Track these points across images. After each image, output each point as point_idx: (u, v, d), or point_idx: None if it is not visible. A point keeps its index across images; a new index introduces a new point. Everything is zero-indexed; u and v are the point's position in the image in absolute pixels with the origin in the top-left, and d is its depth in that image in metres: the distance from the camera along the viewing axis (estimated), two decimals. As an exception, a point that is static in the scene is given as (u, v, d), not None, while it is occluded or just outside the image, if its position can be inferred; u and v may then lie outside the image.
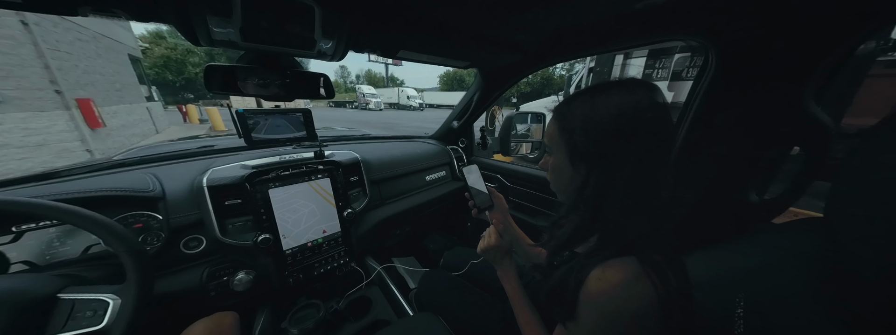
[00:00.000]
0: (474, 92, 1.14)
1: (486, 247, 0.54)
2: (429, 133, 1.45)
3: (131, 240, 0.45)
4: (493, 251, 0.54)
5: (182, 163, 0.80)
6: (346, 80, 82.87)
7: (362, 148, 1.07)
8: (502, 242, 0.54)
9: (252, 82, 0.59)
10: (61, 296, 0.41)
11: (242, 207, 0.70)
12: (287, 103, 0.72)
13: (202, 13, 0.40)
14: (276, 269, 0.73)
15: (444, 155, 1.27)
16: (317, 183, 0.81)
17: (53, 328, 0.38)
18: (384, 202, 1.01)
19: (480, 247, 0.55)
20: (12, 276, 0.47)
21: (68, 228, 0.57)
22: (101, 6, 0.39)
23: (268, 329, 0.71)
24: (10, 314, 0.36)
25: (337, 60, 0.68)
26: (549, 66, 0.92)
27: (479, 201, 0.61)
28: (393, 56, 0.75)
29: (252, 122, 0.71)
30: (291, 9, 0.43)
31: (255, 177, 0.72)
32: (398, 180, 1.07)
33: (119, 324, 0.40)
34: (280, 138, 0.76)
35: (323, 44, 0.55)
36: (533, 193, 1.10)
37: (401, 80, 78.50)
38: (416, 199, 1.09)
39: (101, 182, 0.62)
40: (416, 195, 1.11)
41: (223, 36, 0.47)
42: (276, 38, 0.51)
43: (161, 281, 0.60)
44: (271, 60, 0.59)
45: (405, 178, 1.09)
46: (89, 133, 4.60)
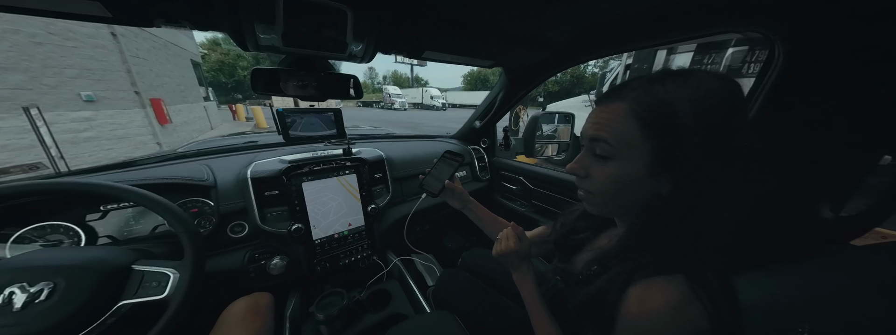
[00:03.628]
0: (498, 91, 1.11)
1: (503, 251, 0.50)
2: (451, 132, 1.45)
3: (189, 222, 0.51)
4: (510, 256, 0.50)
5: (231, 156, 0.87)
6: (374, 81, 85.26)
7: (387, 146, 1.09)
8: (521, 246, 0.49)
9: (291, 83, 0.62)
10: (134, 267, 0.47)
11: (279, 198, 0.75)
12: (320, 103, 0.75)
13: (251, 21, 0.43)
14: (307, 257, 0.78)
15: (466, 155, 1.25)
16: (344, 178, 0.85)
17: (127, 293, 0.44)
18: (406, 199, 1.02)
19: (496, 250, 0.51)
20: (100, 248, 0.55)
21: (141, 210, 0.65)
22: (171, 18, 0.44)
23: (297, 311, 0.76)
24: (97, 279, 0.42)
25: (366, 62, 0.70)
26: (579, 64, 0.87)
27: (428, 183, 0.65)
28: (418, 57, 0.75)
29: (290, 120, 0.75)
30: (326, 14, 0.44)
31: (291, 171, 0.78)
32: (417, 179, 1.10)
33: (177, 295, 0.45)
34: (313, 135, 0.80)
35: (353, 46, 0.57)
36: (557, 197, 1.05)
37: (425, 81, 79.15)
38: (432, 199, 1.10)
39: (167, 171, 0.70)
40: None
41: (268, 41, 0.51)
42: (313, 42, 0.54)
43: (211, 260, 0.67)
44: (307, 63, 0.63)
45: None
46: (159, 128, 5.23)
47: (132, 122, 4.92)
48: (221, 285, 0.69)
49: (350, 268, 0.86)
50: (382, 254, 0.98)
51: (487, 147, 1.34)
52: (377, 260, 0.91)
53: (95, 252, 0.47)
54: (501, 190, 1.25)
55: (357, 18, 0.46)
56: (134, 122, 4.94)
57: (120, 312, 0.43)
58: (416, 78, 67.57)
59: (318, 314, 0.68)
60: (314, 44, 0.54)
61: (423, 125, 11.23)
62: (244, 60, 26.68)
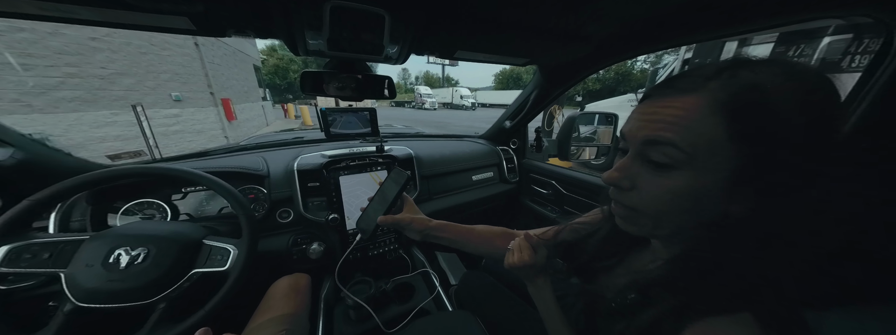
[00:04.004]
0: (532, 90, 1.06)
1: (516, 264, 0.44)
2: (479, 132, 1.43)
3: (248, 207, 0.59)
4: (525, 269, 0.44)
5: (281, 150, 0.98)
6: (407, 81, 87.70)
7: (416, 144, 1.12)
8: (537, 259, 0.44)
9: (333, 85, 0.68)
10: (205, 242, 0.55)
11: (320, 189, 0.82)
12: (357, 103, 0.80)
13: (302, 28, 0.48)
14: (341, 245, 0.84)
15: (493, 155, 1.21)
16: (376, 174, 0.89)
17: (199, 263, 0.52)
18: (432, 197, 1.04)
19: (508, 261, 0.45)
20: (181, 223, 0.66)
21: (212, 193, 0.76)
22: (240, 28, 0.50)
23: (330, 294, 0.82)
24: (178, 249, 0.51)
25: (400, 63, 0.72)
26: (627, 60, 0.78)
27: (361, 221, 0.53)
28: (450, 57, 0.75)
29: (331, 118, 0.82)
30: (366, 19, 0.47)
31: (330, 165, 0.84)
32: (446, 177, 1.08)
33: (235, 268, 0.52)
34: (350, 133, 0.86)
35: (389, 49, 0.59)
36: (592, 205, 0.97)
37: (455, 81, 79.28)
38: (461, 198, 1.09)
39: (232, 161, 0.80)
40: (462, 193, 1.10)
41: (315, 46, 0.56)
42: (353, 46, 0.57)
43: (262, 241, 0.75)
44: (348, 66, 0.67)
45: (452, 176, 1.09)
46: (227, 124, 6.05)
47: (207, 119, 5.77)
48: (269, 264, 0.78)
49: (378, 259, 0.90)
50: (408, 249, 1.01)
51: (517, 148, 1.27)
52: (403, 254, 0.94)
53: (178, 226, 0.56)
54: (530, 193, 1.20)
55: (394, 21, 0.48)
56: (209, 119, 5.79)
57: (192, 278, 0.51)
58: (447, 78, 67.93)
59: (348, 299, 0.72)
60: (354, 47, 0.57)
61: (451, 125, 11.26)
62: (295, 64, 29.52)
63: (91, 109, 4.13)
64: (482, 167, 1.18)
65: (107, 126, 4.29)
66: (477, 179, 1.15)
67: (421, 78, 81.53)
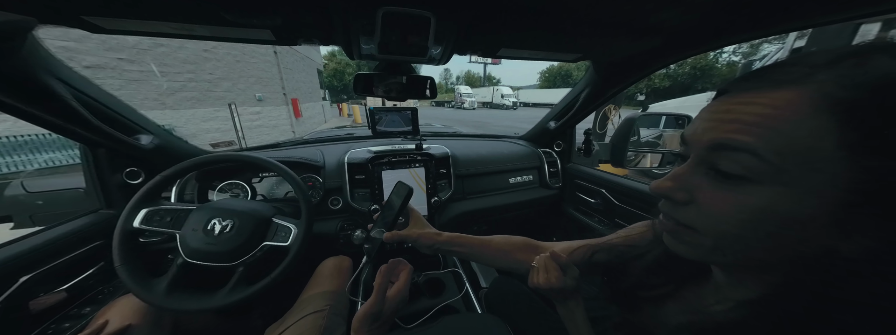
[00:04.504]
0: (583, 88, 0.96)
1: (542, 286, 0.39)
2: (519, 133, 1.37)
3: (307, 192, 0.67)
4: (552, 292, 0.39)
5: (335, 144, 1.09)
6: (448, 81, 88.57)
7: (453, 144, 1.12)
8: (566, 282, 0.38)
9: (380, 86, 0.72)
10: (274, 220, 0.65)
11: (365, 182, 0.89)
12: (401, 102, 0.84)
13: (357, 34, 0.52)
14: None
15: (534, 158, 1.14)
16: (414, 170, 0.93)
17: (268, 237, 0.62)
18: (466, 196, 1.03)
19: (533, 281, 0.40)
20: (257, 202, 0.78)
21: (280, 179, 0.89)
22: (308, 38, 0.57)
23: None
24: (254, 224, 0.61)
25: (442, 64, 0.73)
26: (709, 51, 0.66)
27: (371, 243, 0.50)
28: (493, 55, 0.73)
29: (377, 116, 0.88)
30: (414, 22, 0.49)
31: (374, 160, 0.90)
32: (481, 178, 1.05)
33: (294, 244, 0.60)
34: (393, 131, 0.91)
35: (433, 50, 0.61)
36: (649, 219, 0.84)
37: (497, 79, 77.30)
38: (496, 200, 1.05)
39: (297, 152, 0.93)
40: (497, 195, 1.06)
41: (368, 51, 0.60)
42: (400, 49, 0.60)
43: (316, 224, 0.85)
44: (394, 67, 0.71)
45: (488, 177, 1.06)
46: (294, 121, 6.97)
47: (280, 116, 6.73)
48: (319, 244, 0.88)
49: (412, 251, 0.94)
50: None
51: (562, 151, 1.17)
52: None
53: (255, 205, 0.67)
54: (575, 201, 1.10)
55: (439, 23, 0.48)
56: (281, 116, 6.75)
57: (263, 250, 0.60)
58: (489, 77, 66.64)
59: None
60: (401, 50, 0.60)
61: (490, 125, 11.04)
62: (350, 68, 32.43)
63: (201, 107, 5.17)
64: (521, 170, 1.12)
65: (211, 120, 5.32)
66: (514, 182, 1.10)
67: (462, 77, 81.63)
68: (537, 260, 0.42)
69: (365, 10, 0.43)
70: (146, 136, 0.71)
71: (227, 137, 5.24)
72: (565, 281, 0.38)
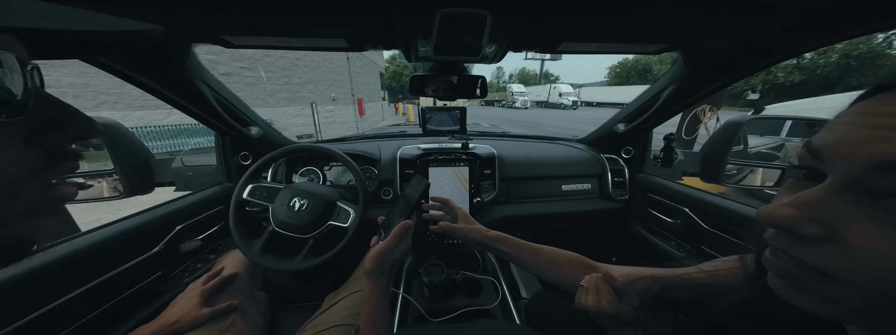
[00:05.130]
0: (666, 85, 0.77)
1: (592, 309, 0.34)
2: (577, 135, 1.24)
3: (365, 182, 0.75)
4: (603, 317, 0.34)
5: (390, 140, 1.18)
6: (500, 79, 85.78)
7: (501, 144, 1.09)
8: (621, 309, 0.33)
9: (432, 86, 0.75)
10: (338, 203, 0.74)
11: (413, 176, 0.94)
12: (451, 102, 0.86)
13: (416, 38, 0.55)
14: (423, 227, 0.92)
15: (594, 164, 1.01)
16: (459, 169, 0.94)
17: (332, 218, 0.71)
18: (511, 200, 0.97)
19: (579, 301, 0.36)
20: (326, 187, 0.90)
21: (345, 168, 1.01)
22: (374, 44, 0.63)
23: (411, 268, 0.93)
24: (323, 205, 0.71)
25: (495, 62, 0.71)
26: (866, 34, 0.42)
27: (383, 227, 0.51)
28: (552, 50, 0.67)
29: (428, 116, 0.92)
30: (469, 21, 0.49)
31: (423, 157, 0.95)
32: (530, 182, 0.98)
33: (352, 226, 0.68)
34: (442, 129, 0.94)
35: (487, 48, 0.59)
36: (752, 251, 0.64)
37: (555, 76, 71.41)
38: (544, 207, 0.96)
39: (359, 146, 1.04)
40: (547, 202, 0.97)
41: (424, 53, 0.63)
42: (455, 49, 0.61)
43: (370, 211, 0.94)
44: (447, 68, 0.72)
45: (538, 182, 0.98)
46: (358, 118, 7.82)
47: (348, 114, 7.64)
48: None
49: (452, 249, 0.94)
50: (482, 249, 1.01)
51: (632, 158, 1.00)
52: (476, 252, 0.93)
53: (325, 189, 0.78)
54: (645, 219, 0.94)
55: (495, 20, 0.47)
56: (348, 114, 7.66)
57: (327, 228, 0.70)
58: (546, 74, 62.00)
59: (424, 276, 0.78)
60: (455, 50, 0.61)
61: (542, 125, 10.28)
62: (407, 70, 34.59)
63: (291, 105, 6.25)
64: (577, 176, 1.00)
65: (297, 116, 6.38)
66: (568, 190, 0.99)
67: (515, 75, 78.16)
68: (587, 279, 0.37)
69: (424, 13, 0.45)
70: (255, 128, 0.89)
71: (308, 131, 6.22)
72: (620, 307, 0.34)
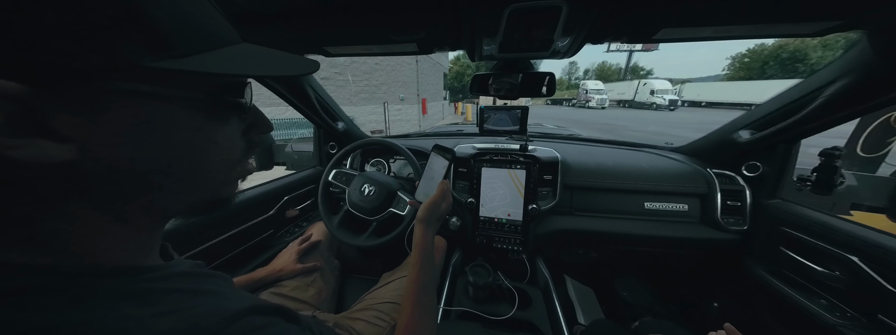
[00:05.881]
0: (834, 77, 0.53)
1: None
2: (672, 143, 1.01)
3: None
4: None
5: (448, 138, 1.22)
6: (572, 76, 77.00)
7: (566, 148, 0.98)
8: None
9: (493, 85, 0.73)
10: (397, 193, 0.82)
11: (466, 175, 0.95)
12: (512, 101, 0.82)
13: (481, 37, 0.55)
14: (472, 227, 0.94)
15: (696, 180, 0.77)
16: (514, 172, 0.89)
17: (392, 206, 0.80)
18: (573, 212, 0.87)
19: None
20: (389, 177, 1.01)
21: (405, 162, 1.10)
22: (440, 45, 0.65)
23: (458, 264, 0.93)
24: (386, 193, 0.80)
25: (568, 57, 0.65)
26: None
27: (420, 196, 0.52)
28: (646, 39, 0.55)
29: (486, 115, 0.91)
30: (540, 14, 0.45)
31: (477, 156, 0.94)
32: (599, 194, 0.85)
33: (408, 215, 0.75)
34: (499, 129, 0.92)
35: (559, 42, 0.54)
36: None
37: (647, 70, 59.31)
38: (616, 225, 0.81)
39: (418, 142, 1.12)
40: (620, 221, 0.82)
41: (488, 51, 0.62)
42: (521, 45, 0.58)
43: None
44: (510, 66, 0.70)
45: (611, 195, 0.84)
46: (421, 117, 8.35)
47: (412, 113, 8.25)
48: None
49: (501, 253, 0.91)
50: (533, 258, 0.89)
51: (758, 177, 0.73)
52: (526, 260, 0.87)
53: (388, 179, 0.88)
54: (775, 260, 0.68)
55: (571, 10, 0.42)
56: (413, 113, 8.26)
57: (388, 214, 0.78)
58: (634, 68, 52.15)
59: (469, 276, 0.76)
60: (521, 46, 0.58)
61: (623, 129, 8.62)
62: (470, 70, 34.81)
63: (368, 104, 7.14)
64: (668, 193, 0.79)
65: (372, 114, 7.26)
66: (654, 209, 0.80)
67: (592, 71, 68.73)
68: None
69: (494, 9, 0.43)
70: (341, 123, 1.07)
71: (379, 127, 7.02)
72: None
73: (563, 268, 0.90)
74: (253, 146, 0.25)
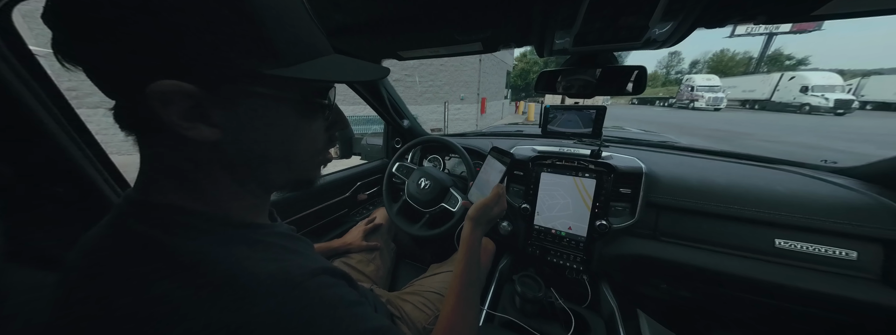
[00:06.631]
0: None
1: None
2: (836, 161, 0.72)
3: (475, 174, 0.81)
4: None
5: (505, 138, 1.18)
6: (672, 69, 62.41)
7: (656, 158, 0.81)
8: None
9: (565, 82, 0.66)
10: (450, 189, 0.85)
11: (522, 179, 0.90)
12: (586, 100, 0.73)
13: (553, 30, 0.49)
14: (524, 234, 0.87)
15: (878, 218, 0.54)
16: (581, 180, 0.78)
17: (443, 201, 0.83)
18: (658, 236, 0.71)
19: None
20: (444, 174, 1.05)
21: (459, 160, 1.13)
22: (506, 43, 0.63)
23: (506, 270, 0.89)
24: (440, 189, 0.84)
25: (668, 47, 0.53)
26: None
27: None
28: (803, 16, 0.39)
29: (552, 115, 0.83)
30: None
31: (536, 160, 0.88)
32: (701, 219, 0.67)
33: (458, 212, 0.77)
34: (566, 132, 0.82)
35: (656, 29, 0.45)
36: None
37: (799, 59, 42.75)
38: (724, 263, 0.61)
39: (474, 142, 1.12)
40: (732, 258, 0.62)
41: (560, 45, 0.56)
42: (603, 36, 0.51)
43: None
44: (587, 60, 0.61)
45: (720, 222, 0.65)
46: (478, 116, 8.31)
47: (471, 112, 8.29)
48: None
49: (556, 268, 0.82)
50: (597, 281, 0.79)
51: None
52: (587, 283, 0.77)
53: (443, 176, 0.92)
54: None
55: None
56: (471, 112, 8.30)
57: (439, 209, 0.82)
58: (774, 57, 38.48)
59: (517, 285, 0.69)
60: (604, 37, 0.50)
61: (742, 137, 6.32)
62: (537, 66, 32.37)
63: (431, 104, 7.54)
64: (822, 232, 0.57)
65: (433, 113, 7.65)
66: (790, 249, 0.59)
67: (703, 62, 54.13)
68: None
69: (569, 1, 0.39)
70: (406, 121, 1.17)
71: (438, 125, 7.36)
72: None
73: (637, 301, 0.74)
74: (332, 140, 0.30)
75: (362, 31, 0.58)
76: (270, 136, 0.23)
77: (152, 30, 0.17)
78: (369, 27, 0.56)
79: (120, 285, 0.18)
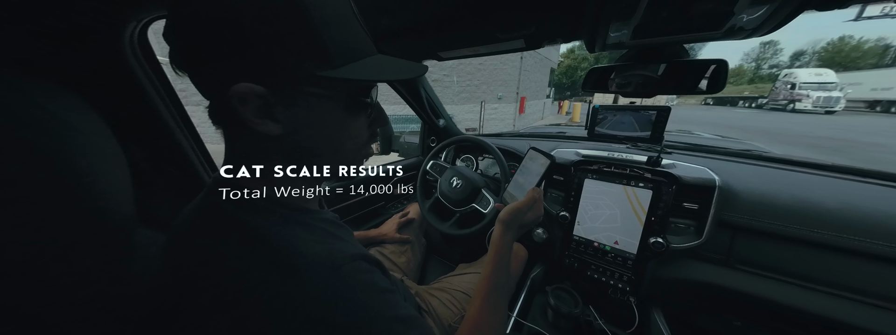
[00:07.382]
0: None
1: None
2: None
3: (508, 177, 0.78)
4: None
5: (544, 140, 1.11)
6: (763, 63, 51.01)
7: (735, 169, 0.68)
8: None
9: (616, 80, 0.59)
10: (482, 190, 0.84)
11: (562, 184, 0.83)
12: (645, 100, 0.64)
13: (608, 21, 0.44)
14: (561, 245, 0.80)
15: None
16: (634, 190, 0.68)
17: (475, 202, 0.82)
18: (732, 263, 0.60)
19: None
20: (476, 174, 1.04)
21: (493, 161, 1.10)
22: (552, 39, 0.59)
23: (538, 280, 0.84)
24: (472, 189, 0.83)
25: (758, 36, 0.43)
26: None
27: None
28: None
29: (601, 116, 0.75)
30: None
31: (580, 165, 0.80)
32: (793, 247, 0.55)
33: (489, 214, 0.75)
34: (617, 135, 0.73)
35: (744, 15, 0.37)
36: None
37: None
38: (831, 307, 0.49)
39: (510, 143, 1.08)
40: (841, 302, 0.50)
41: (614, 39, 0.50)
42: (672, 26, 0.44)
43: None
44: (648, 54, 0.53)
45: (823, 254, 0.53)
46: (516, 116, 7.99)
47: (508, 112, 8.02)
48: None
49: (597, 286, 0.74)
50: (647, 306, 0.71)
51: None
52: (635, 307, 0.68)
53: (475, 176, 0.91)
54: None
55: None
56: (509, 112, 8.02)
57: (470, 209, 0.81)
58: (921, 37, 28.79)
59: (550, 298, 0.66)
60: (673, 27, 0.43)
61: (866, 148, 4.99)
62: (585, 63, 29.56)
63: (468, 103, 7.53)
64: None
65: (469, 113, 7.62)
66: None
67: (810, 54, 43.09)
68: None
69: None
70: (442, 120, 1.19)
71: (473, 125, 7.30)
72: None
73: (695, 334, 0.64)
74: (374, 135, 0.32)
75: (406, 35, 0.60)
76: (321, 130, 0.27)
77: (234, 43, 0.21)
78: (411, 30, 0.58)
79: (209, 246, 0.23)
